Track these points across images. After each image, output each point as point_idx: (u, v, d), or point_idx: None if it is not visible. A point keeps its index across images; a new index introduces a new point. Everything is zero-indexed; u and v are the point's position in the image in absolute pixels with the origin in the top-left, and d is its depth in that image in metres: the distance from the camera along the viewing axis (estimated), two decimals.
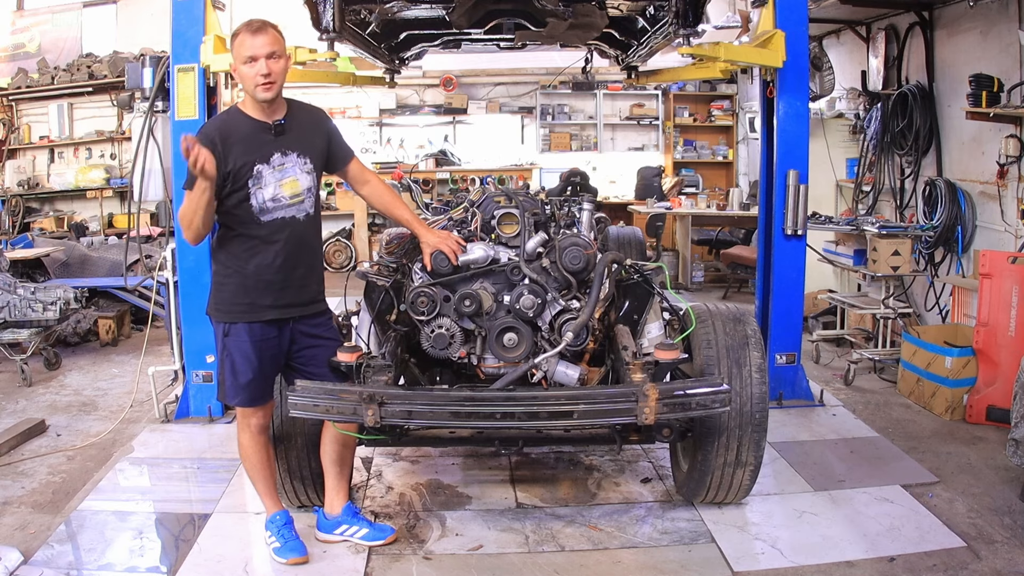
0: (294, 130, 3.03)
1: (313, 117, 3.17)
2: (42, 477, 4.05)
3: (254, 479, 3.23)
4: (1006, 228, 5.20)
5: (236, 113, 3.03)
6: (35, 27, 10.33)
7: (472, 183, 9.47)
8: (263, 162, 2.94)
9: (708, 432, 3.28)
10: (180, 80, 4.53)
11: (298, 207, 3.02)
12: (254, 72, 2.88)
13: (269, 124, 2.97)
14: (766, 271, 4.94)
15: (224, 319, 3.03)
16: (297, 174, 3.01)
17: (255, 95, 2.93)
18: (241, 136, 2.93)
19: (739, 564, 3.14)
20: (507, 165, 10.49)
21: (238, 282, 3.00)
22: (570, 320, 3.26)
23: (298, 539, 3.18)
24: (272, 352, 3.05)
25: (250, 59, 2.88)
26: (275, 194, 2.96)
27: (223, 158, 2.85)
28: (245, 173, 2.91)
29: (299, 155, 3.02)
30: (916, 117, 6.03)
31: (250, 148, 2.93)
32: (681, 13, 4.12)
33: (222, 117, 3.10)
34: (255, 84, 2.89)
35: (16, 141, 9.87)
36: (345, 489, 3.34)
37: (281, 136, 2.99)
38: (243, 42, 2.90)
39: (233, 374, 3.02)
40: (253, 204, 2.94)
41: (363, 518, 3.34)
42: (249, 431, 3.13)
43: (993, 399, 4.50)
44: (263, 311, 3.00)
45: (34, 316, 5.63)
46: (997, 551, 3.19)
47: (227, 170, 2.87)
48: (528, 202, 3.62)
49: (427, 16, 5.18)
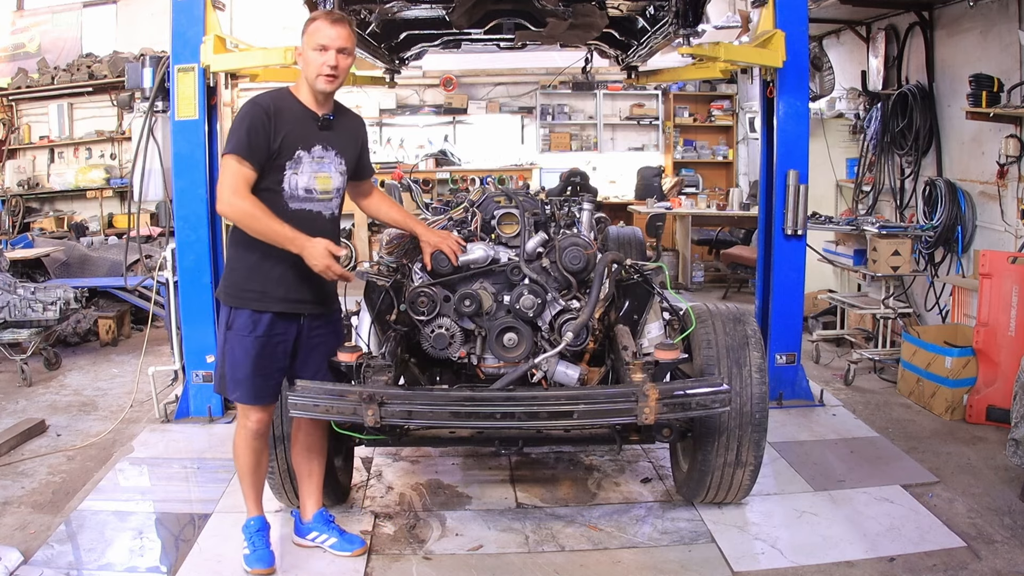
0: (338, 129, 3.02)
1: (354, 123, 3.17)
2: (42, 477, 4.05)
3: (241, 479, 3.17)
4: (1006, 228, 5.20)
5: (289, 94, 2.97)
6: (35, 27, 10.33)
7: (472, 183, 9.47)
8: (305, 149, 2.91)
9: (708, 432, 3.28)
10: (180, 80, 4.52)
11: (326, 204, 2.99)
12: (322, 61, 2.85)
13: (318, 115, 2.95)
14: (766, 271, 4.94)
15: (232, 303, 2.95)
16: (332, 172, 2.99)
17: (315, 84, 2.90)
18: (291, 116, 2.89)
19: (739, 564, 3.14)
20: (507, 165, 10.49)
21: (252, 266, 2.92)
22: (570, 320, 3.26)
23: (267, 548, 3.10)
24: (277, 350, 2.97)
25: (321, 47, 2.85)
26: (308, 184, 2.92)
27: (273, 132, 2.83)
28: (287, 154, 2.87)
29: (337, 154, 3.00)
30: (916, 117, 6.03)
31: (296, 130, 2.89)
32: (681, 13, 4.12)
33: (274, 93, 3.00)
34: (319, 73, 2.87)
35: (16, 141, 9.88)
36: (316, 495, 3.27)
37: (326, 130, 2.97)
38: (319, 28, 2.87)
39: (232, 367, 2.96)
40: (285, 188, 2.89)
41: (335, 527, 3.26)
42: (245, 431, 3.05)
43: (993, 399, 4.50)
44: (273, 302, 2.92)
45: (34, 316, 5.63)
46: (997, 551, 3.18)
47: (274, 146, 2.83)
48: (528, 202, 3.62)
49: (427, 16, 5.18)
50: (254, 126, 2.81)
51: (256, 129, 2.80)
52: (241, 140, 2.79)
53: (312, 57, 2.88)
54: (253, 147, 2.80)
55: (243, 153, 2.79)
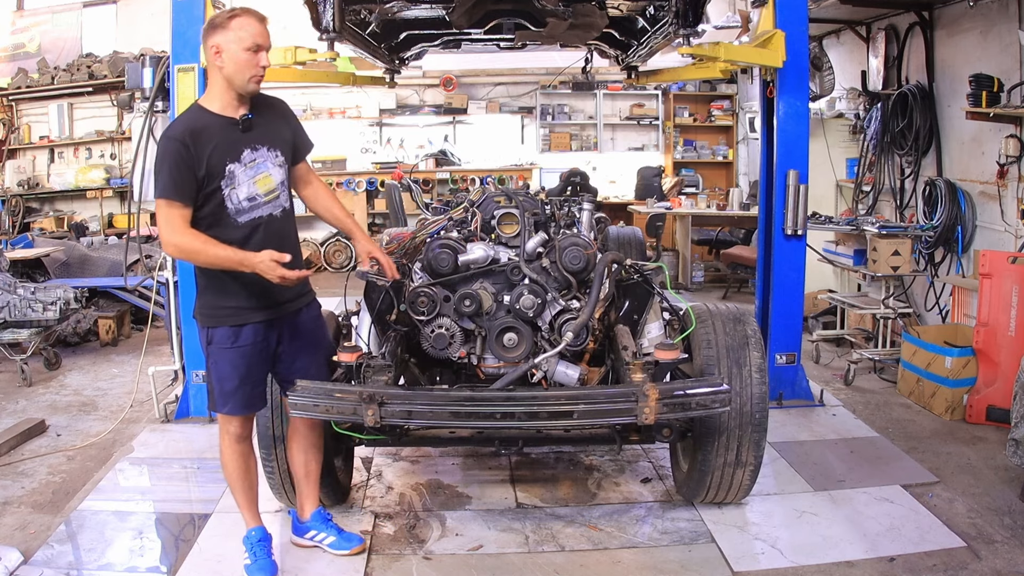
0: (261, 123, 2.89)
1: (277, 109, 3.02)
2: (42, 477, 4.04)
3: (232, 490, 3.12)
4: (1006, 228, 5.20)
5: (199, 111, 2.83)
6: (35, 27, 10.33)
7: (472, 183, 9.48)
8: (234, 161, 2.79)
9: (708, 432, 3.28)
10: (180, 80, 4.52)
11: (274, 203, 2.90)
12: (255, 62, 2.76)
13: (236, 120, 2.82)
14: (766, 271, 4.94)
15: (208, 323, 2.91)
16: (269, 169, 2.88)
17: (246, 87, 2.79)
18: (210, 136, 2.76)
19: (739, 564, 3.14)
20: (507, 165, 10.48)
21: (219, 286, 2.87)
22: (570, 320, 3.26)
23: (269, 558, 3.07)
24: (260, 356, 2.95)
25: (257, 47, 2.76)
26: (250, 192, 2.82)
27: (196, 162, 2.71)
28: (218, 175, 2.76)
29: (269, 148, 2.89)
30: (916, 117, 6.03)
31: (220, 147, 2.77)
32: (681, 13, 4.11)
33: (187, 116, 2.85)
34: (251, 75, 2.77)
35: (16, 141, 9.88)
36: (314, 494, 3.26)
37: (249, 131, 2.84)
38: (249, 25, 2.75)
39: (219, 381, 2.93)
40: (228, 206, 2.79)
41: (333, 525, 3.25)
42: (228, 437, 3.00)
43: (993, 399, 4.50)
44: (248, 314, 2.89)
45: (34, 316, 5.63)
46: (997, 551, 3.18)
47: (201, 174, 2.73)
48: (528, 202, 3.62)
49: (427, 16, 5.17)
50: (176, 163, 2.70)
51: (177, 166, 2.70)
52: (166, 183, 2.70)
53: (244, 58, 2.75)
54: (179, 185, 2.70)
55: (171, 195, 2.70)
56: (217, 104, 2.83)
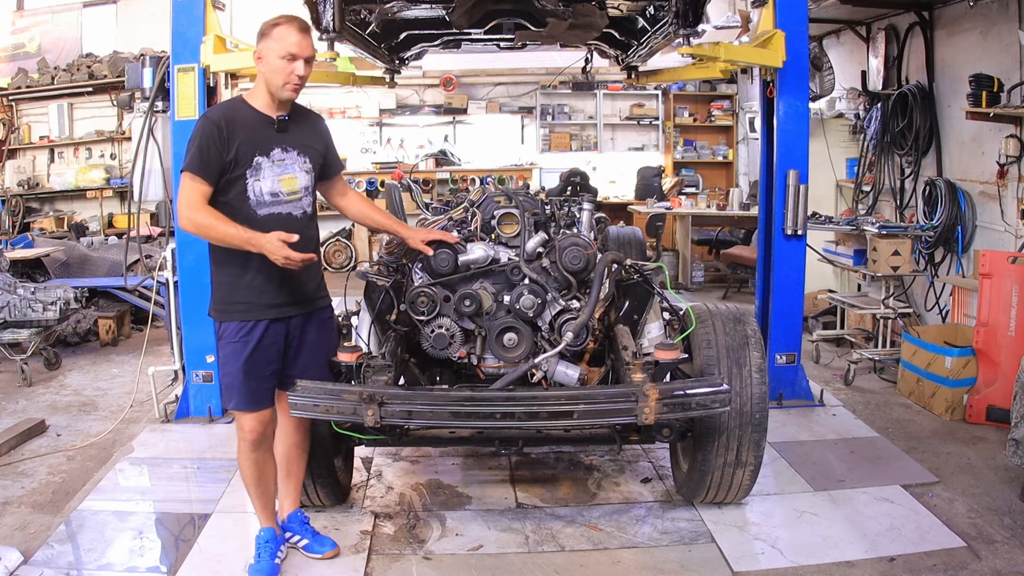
0: (295, 129, 3.00)
1: (312, 120, 3.15)
2: (42, 477, 4.05)
3: (247, 489, 3.15)
4: (1006, 228, 5.20)
5: (241, 103, 2.97)
6: (35, 27, 10.33)
7: (472, 183, 9.47)
8: (263, 154, 2.89)
9: (708, 432, 3.28)
10: (180, 80, 4.53)
11: (295, 204, 2.97)
12: (290, 70, 2.85)
13: (272, 118, 2.93)
14: (766, 271, 4.94)
15: (222, 318, 2.97)
16: (296, 172, 2.97)
17: (280, 92, 2.89)
18: (244, 125, 2.88)
19: (739, 564, 3.14)
20: (507, 165, 10.49)
21: (232, 281, 2.94)
22: (570, 320, 3.26)
23: (272, 560, 3.06)
24: (268, 352, 2.97)
25: (291, 56, 2.84)
26: (273, 188, 2.91)
27: (226, 145, 2.82)
28: (244, 163, 2.85)
29: (299, 153, 2.99)
30: (916, 117, 6.03)
31: (252, 138, 2.88)
32: (681, 13, 4.11)
33: (226, 104, 3.04)
34: (286, 82, 2.86)
35: (16, 141, 9.88)
36: (294, 495, 3.27)
37: (283, 132, 2.95)
38: (288, 36, 2.84)
39: (226, 373, 2.98)
40: (251, 196, 2.88)
41: (309, 528, 3.25)
42: (243, 443, 3.03)
43: (993, 399, 4.50)
44: (259, 311, 2.93)
45: (34, 316, 5.63)
46: (997, 551, 3.19)
47: (228, 159, 2.83)
48: (528, 202, 3.62)
49: (427, 16, 5.17)
50: (205, 141, 2.81)
51: (208, 144, 2.80)
52: (193, 157, 2.80)
53: (280, 65, 2.85)
54: (205, 162, 2.80)
55: (196, 170, 2.80)
56: (259, 102, 2.95)
